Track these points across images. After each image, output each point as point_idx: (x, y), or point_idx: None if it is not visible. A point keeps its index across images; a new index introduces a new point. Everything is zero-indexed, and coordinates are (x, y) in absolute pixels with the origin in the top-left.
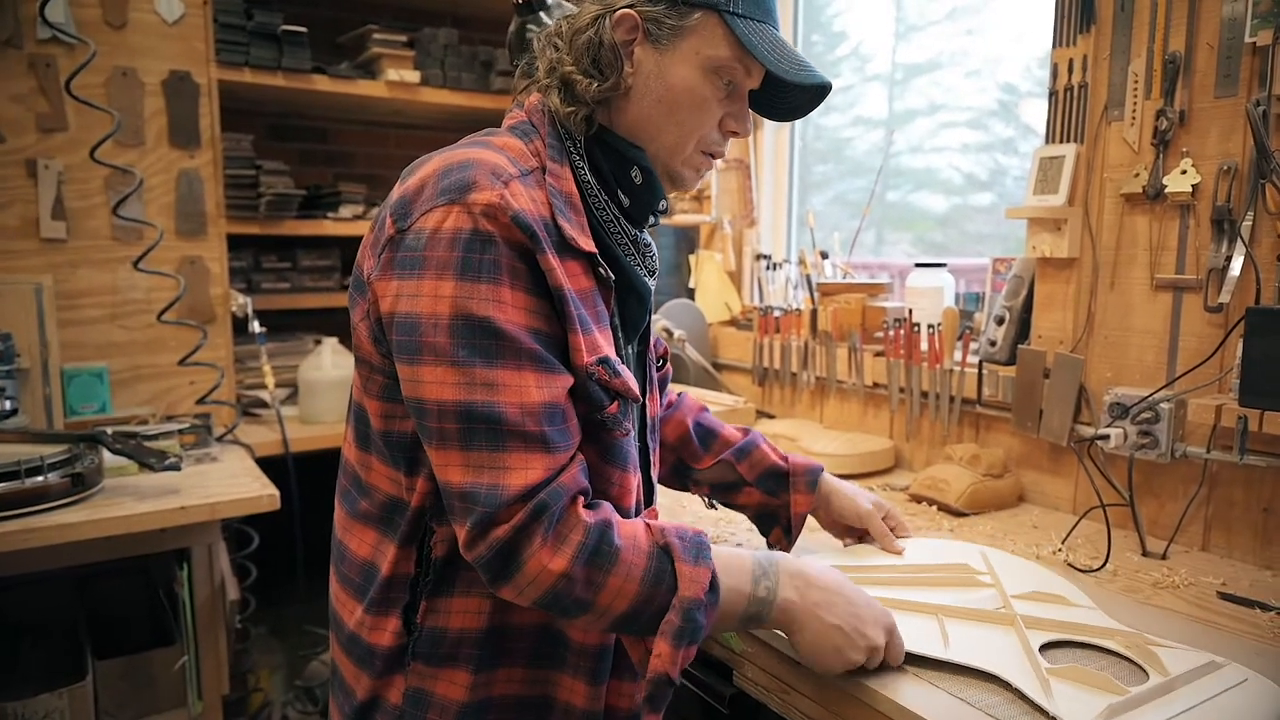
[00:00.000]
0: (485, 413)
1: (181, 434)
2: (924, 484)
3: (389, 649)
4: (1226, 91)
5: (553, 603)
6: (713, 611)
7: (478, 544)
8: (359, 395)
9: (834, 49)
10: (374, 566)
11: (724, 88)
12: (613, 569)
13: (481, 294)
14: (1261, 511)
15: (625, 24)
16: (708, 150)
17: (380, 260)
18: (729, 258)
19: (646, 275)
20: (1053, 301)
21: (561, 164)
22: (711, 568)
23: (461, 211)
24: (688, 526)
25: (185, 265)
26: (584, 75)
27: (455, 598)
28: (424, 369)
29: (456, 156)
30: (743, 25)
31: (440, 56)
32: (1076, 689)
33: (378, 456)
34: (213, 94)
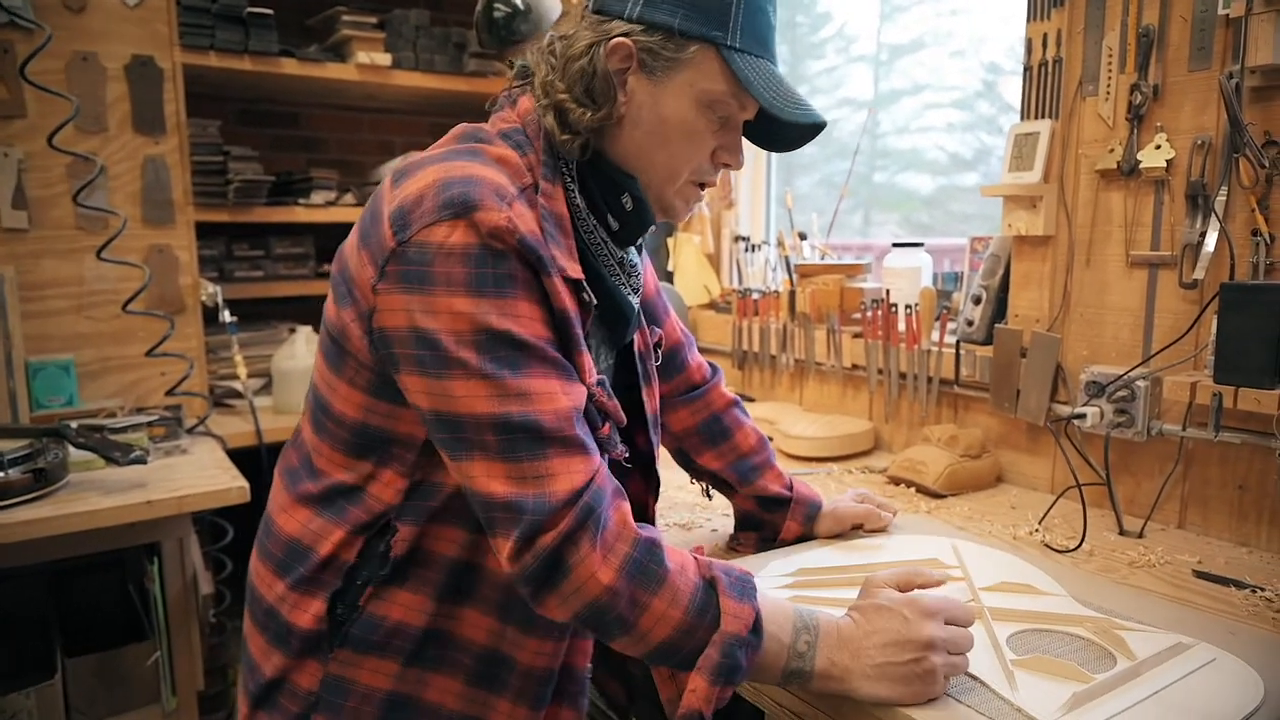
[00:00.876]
0: (522, 422)
1: (150, 426)
2: (902, 466)
3: (307, 631)
4: (1200, 65)
5: (595, 617)
6: (754, 655)
7: (523, 554)
8: (327, 382)
9: (818, 30)
10: (303, 545)
11: (717, 120)
12: (659, 591)
13: (497, 308)
14: (1237, 489)
15: (619, 53)
16: (699, 181)
17: (384, 271)
18: (707, 240)
19: (630, 293)
20: (1029, 280)
21: (554, 183)
22: (757, 608)
23: (468, 227)
24: (735, 566)
25: (153, 254)
26: (577, 104)
27: (404, 590)
28: (453, 383)
29: (456, 170)
30: (740, 60)
31: (412, 38)
32: (1041, 679)
33: (332, 443)
34: (177, 78)
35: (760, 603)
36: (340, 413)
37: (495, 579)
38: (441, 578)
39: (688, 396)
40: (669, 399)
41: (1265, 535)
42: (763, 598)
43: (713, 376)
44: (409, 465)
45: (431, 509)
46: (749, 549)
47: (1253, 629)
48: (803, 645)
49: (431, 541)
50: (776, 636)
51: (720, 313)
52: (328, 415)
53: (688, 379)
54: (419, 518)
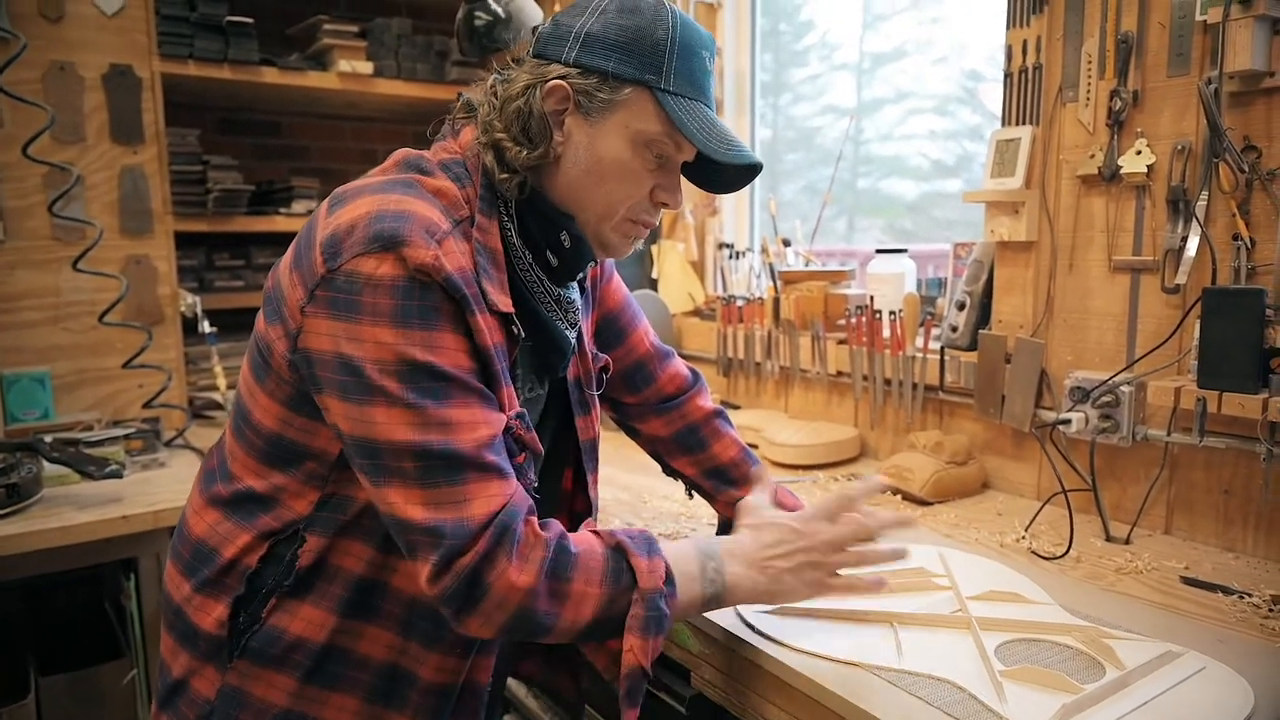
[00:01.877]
0: (441, 450)
1: (128, 439)
2: (888, 473)
3: (211, 635)
4: (1179, 70)
5: (521, 622)
6: (673, 601)
7: (443, 577)
8: (249, 390)
9: (801, 38)
10: (208, 547)
11: (654, 160)
12: (573, 575)
13: (421, 340)
14: (1222, 493)
15: (556, 95)
16: (636, 219)
17: (313, 295)
18: (691, 247)
19: (567, 329)
20: (1012, 285)
21: (490, 218)
22: (665, 559)
23: (396, 260)
24: (633, 528)
25: (130, 265)
26: (514, 143)
27: (305, 604)
28: (374, 410)
29: (390, 204)
30: (674, 103)
31: (394, 47)
32: (1030, 690)
33: (247, 449)
34: (156, 88)
35: (666, 554)
36: (258, 421)
37: (400, 596)
38: (346, 593)
39: (661, 407)
40: (640, 408)
41: (1251, 540)
42: (665, 546)
43: (692, 386)
44: (321, 479)
45: (341, 522)
46: None
47: (1241, 636)
48: (711, 572)
49: (339, 556)
50: (688, 573)
51: (705, 320)
52: (246, 422)
53: (659, 390)
54: (328, 530)
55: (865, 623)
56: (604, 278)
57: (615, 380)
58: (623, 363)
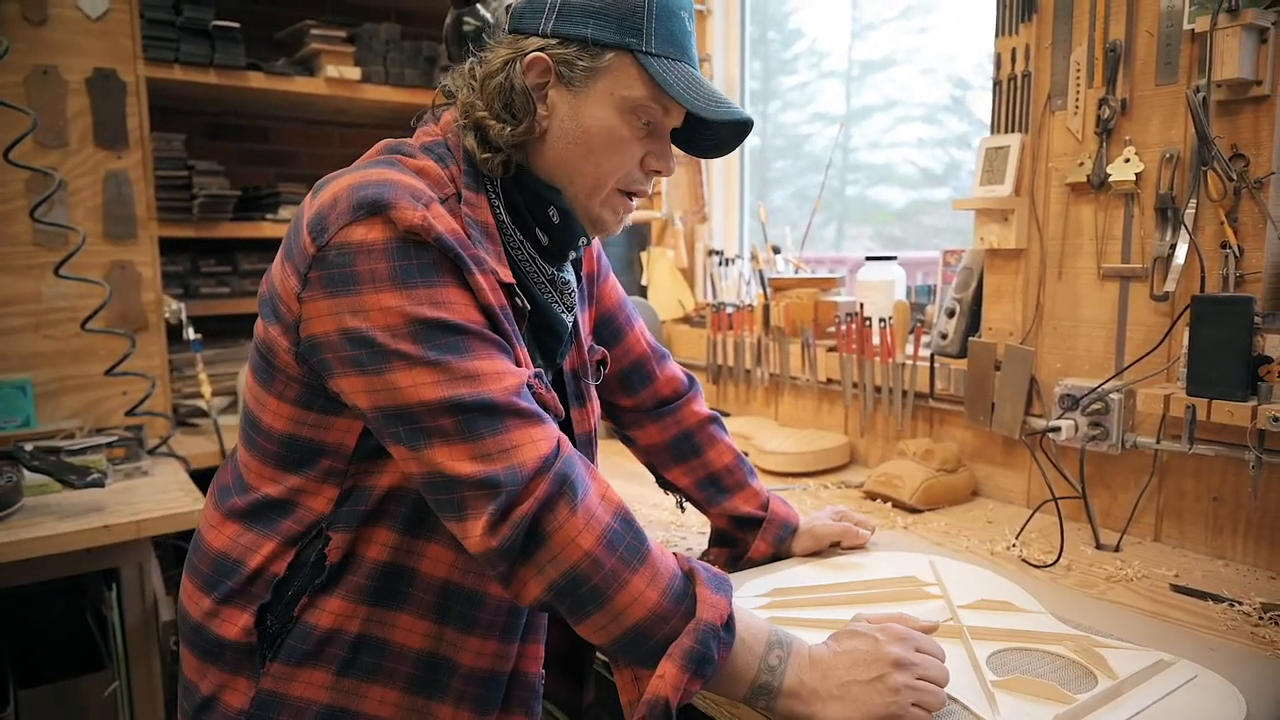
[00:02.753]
0: (475, 401)
1: (110, 448)
2: (878, 481)
3: (238, 644)
4: (1167, 79)
5: (571, 587)
6: (726, 650)
7: (500, 527)
8: (256, 398)
9: (790, 46)
10: (231, 560)
11: (643, 127)
12: (640, 568)
13: (427, 298)
14: (1211, 501)
15: (537, 67)
16: (628, 190)
17: (306, 279)
18: (681, 254)
19: (564, 311)
20: (1002, 293)
21: (478, 194)
22: (732, 604)
23: (385, 223)
24: (713, 566)
25: (115, 270)
26: (496, 120)
27: (334, 597)
28: (395, 375)
29: (371, 175)
30: (657, 64)
31: (382, 52)
32: (1022, 700)
33: (261, 458)
34: (140, 92)
35: (736, 607)
36: (269, 427)
37: (431, 581)
38: (369, 581)
39: (656, 412)
40: (636, 414)
41: (1241, 548)
42: (739, 607)
43: (688, 390)
44: (339, 474)
45: (363, 513)
46: (719, 564)
47: (1232, 644)
48: (774, 659)
49: (362, 545)
50: (749, 644)
51: (694, 327)
52: (257, 431)
53: (655, 393)
54: (351, 524)
55: None
56: (600, 276)
57: (612, 382)
58: (620, 363)
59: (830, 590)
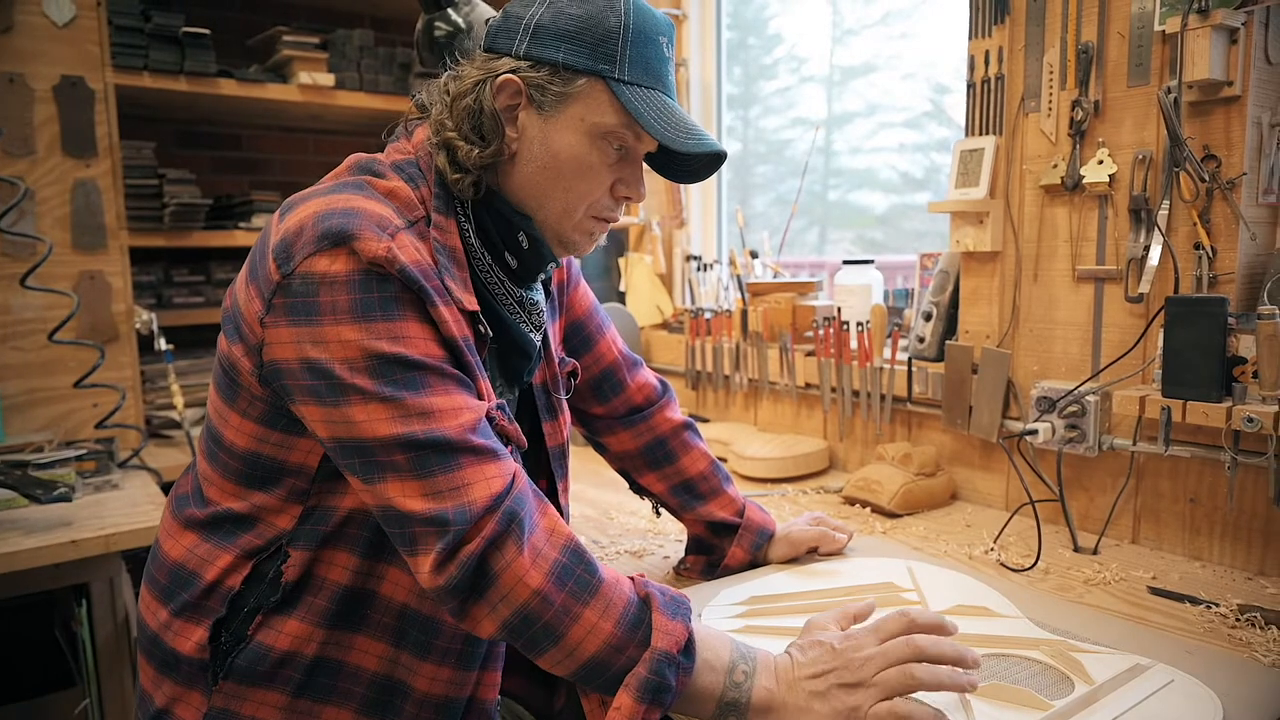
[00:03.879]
0: (428, 439)
1: (79, 461)
2: (857, 486)
3: (192, 659)
4: (1139, 80)
5: (523, 625)
6: (685, 677)
7: (448, 566)
8: (219, 413)
9: (770, 51)
10: (187, 570)
11: (614, 153)
12: (591, 601)
13: (386, 332)
14: (1188, 502)
15: (508, 90)
16: (599, 215)
17: (270, 304)
18: (659, 260)
19: (532, 331)
20: (978, 296)
21: (448, 217)
22: (690, 628)
23: (348, 255)
24: (671, 589)
25: (84, 281)
26: (465, 141)
27: (291, 619)
28: (351, 409)
29: (338, 202)
30: (629, 92)
31: (356, 58)
32: (998, 708)
33: (223, 473)
34: (109, 100)
35: (696, 629)
36: (231, 443)
37: (390, 604)
38: (331, 605)
39: (629, 419)
40: (608, 421)
41: (1217, 549)
42: (701, 626)
43: (661, 397)
44: (302, 494)
45: (324, 534)
46: (695, 572)
47: (1209, 647)
48: (740, 675)
49: (323, 567)
50: (711, 664)
51: (673, 333)
52: (219, 445)
53: (627, 400)
54: (311, 542)
55: None
56: (570, 283)
57: (584, 390)
58: (591, 371)
59: (807, 598)
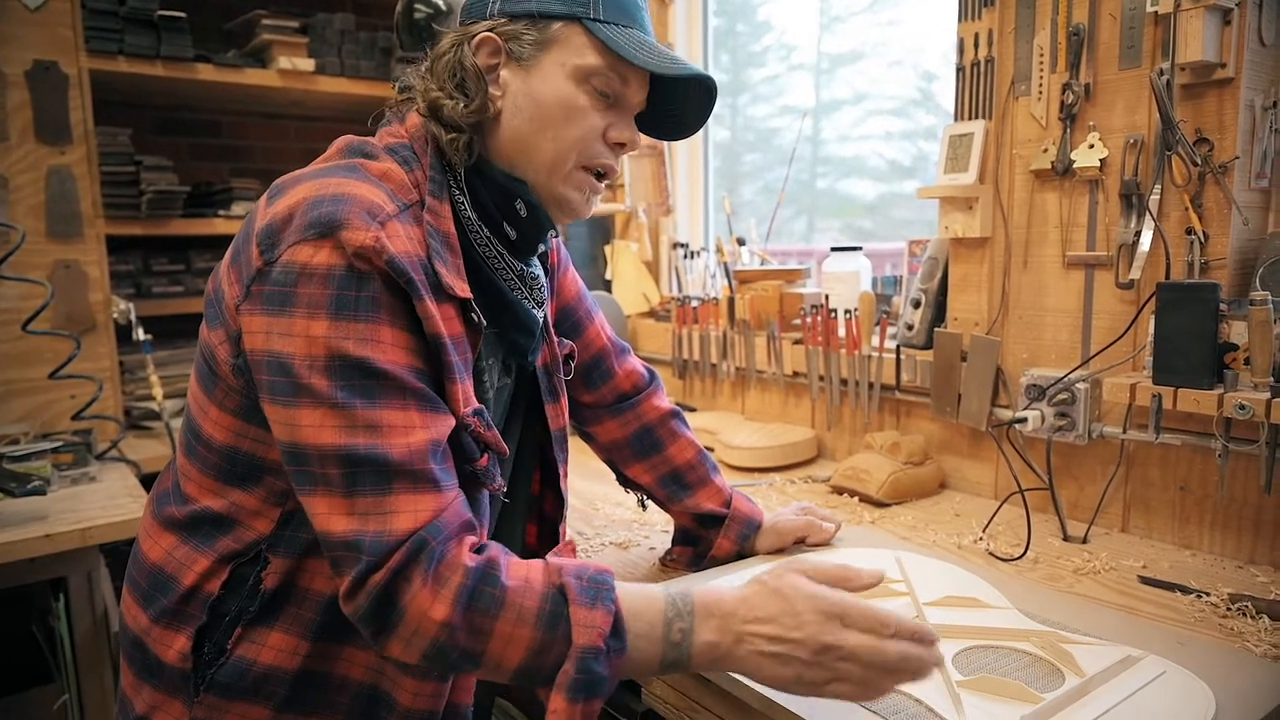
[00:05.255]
0: (369, 455)
1: (56, 453)
2: (845, 475)
3: (174, 668)
4: (1130, 63)
5: (439, 657)
6: (618, 660)
7: (356, 594)
8: (199, 404)
9: (759, 39)
10: (166, 574)
11: (600, 98)
12: (499, 613)
13: (357, 333)
14: (1178, 490)
15: (486, 47)
16: (591, 165)
17: (248, 291)
18: (645, 247)
19: (535, 307)
20: (967, 283)
21: (441, 200)
22: (613, 611)
23: (333, 248)
24: (590, 564)
25: (59, 270)
26: (450, 98)
27: (275, 631)
28: (301, 412)
29: (330, 187)
30: (607, 30)
31: (336, 43)
32: (988, 701)
33: (201, 468)
34: (84, 85)
35: (622, 599)
36: (209, 436)
37: None
38: (317, 616)
39: (616, 407)
40: (595, 409)
41: (1208, 538)
42: (627, 592)
43: (648, 385)
44: (281, 494)
45: (306, 541)
46: (682, 564)
47: (1201, 637)
48: (676, 634)
49: (306, 578)
50: (645, 634)
51: (660, 321)
52: (197, 439)
53: (616, 388)
54: (293, 550)
55: None
56: (560, 267)
57: (573, 377)
58: (580, 357)
59: None
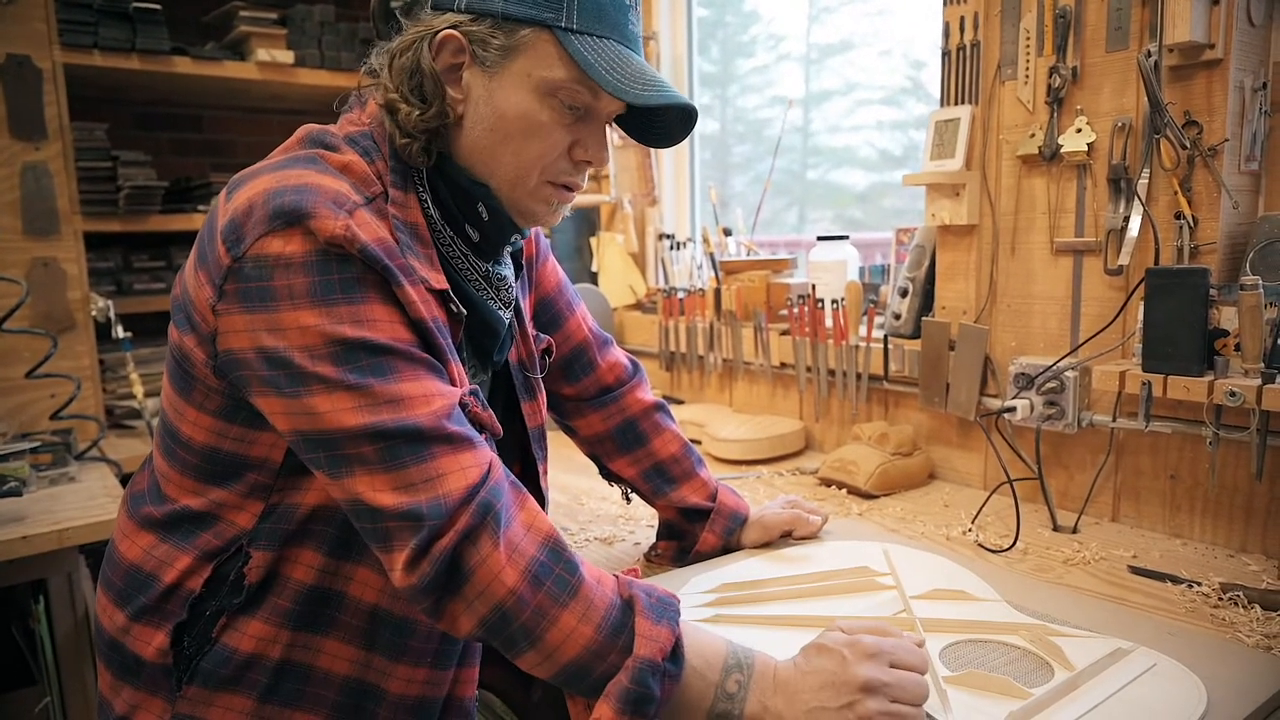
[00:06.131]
0: (399, 428)
1: (34, 453)
2: (833, 467)
3: (154, 664)
4: (1118, 45)
5: (499, 624)
6: (671, 685)
7: (420, 563)
8: (174, 407)
9: (748, 28)
10: (144, 572)
11: (568, 112)
12: (570, 603)
13: (350, 316)
14: (1169, 478)
15: (449, 47)
16: (556, 181)
17: (222, 291)
18: (631, 238)
19: (501, 308)
20: (955, 270)
21: (405, 192)
22: (677, 633)
23: (304, 235)
24: (658, 587)
25: (36, 268)
26: (405, 103)
27: (255, 619)
28: (314, 400)
29: (290, 179)
30: (578, 42)
31: (316, 35)
32: (976, 697)
33: (181, 470)
34: (58, 79)
35: (686, 632)
36: (189, 438)
37: (359, 606)
38: (295, 605)
39: (598, 400)
40: (578, 403)
41: (1198, 526)
42: (693, 628)
43: (631, 377)
44: (263, 489)
45: (287, 532)
46: (667, 558)
47: (1192, 628)
48: (732, 685)
49: (287, 566)
50: (701, 672)
51: (646, 313)
52: (176, 441)
53: (598, 380)
54: (274, 542)
55: (805, 628)
56: (539, 258)
57: (553, 370)
58: (561, 350)
59: (779, 584)
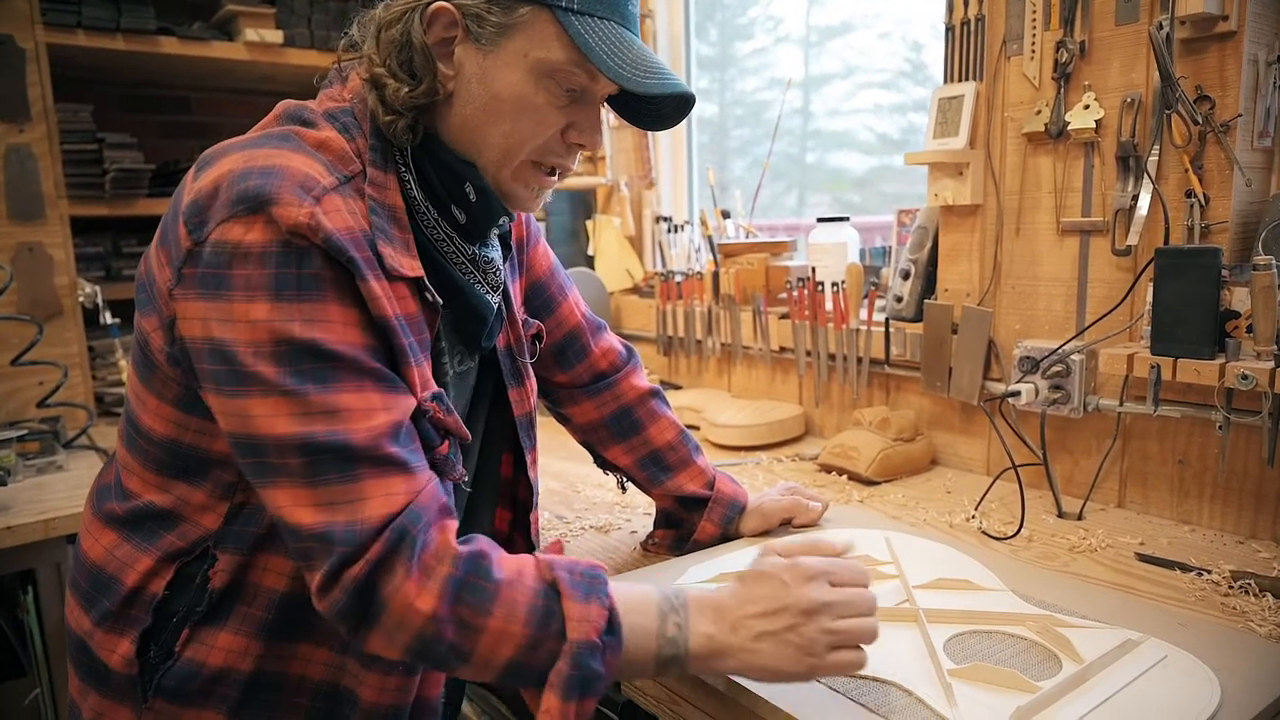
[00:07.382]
0: (329, 442)
1: (21, 442)
2: (833, 453)
3: (120, 673)
4: (1128, 18)
5: (426, 650)
6: (614, 655)
7: (331, 589)
8: (137, 394)
9: (746, 10)
10: (107, 574)
11: (564, 94)
12: (491, 609)
13: (302, 314)
14: (1176, 464)
15: (441, 20)
16: (544, 163)
17: (180, 275)
18: (628, 222)
19: (488, 292)
20: (958, 252)
21: (386, 172)
22: (608, 605)
23: (266, 224)
24: (581, 560)
25: (22, 253)
26: (393, 78)
27: (224, 632)
28: (250, 402)
29: (259, 159)
30: (578, 23)
31: (305, 14)
32: (981, 690)
33: (143, 461)
34: (41, 60)
35: (615, 594)
36: (149, 428)
37: None
38: (268, 615)
39: (593, 387)
40: (571, 390)
41: (1207, 512)
42: (618, 589)
43: (626, 363)
44: (228, 487)
45: (255, 536)
46: (664, 547)
47: (1203, 617)
48: (671, 629)
49: (256, 574)
50: (641, 627)
51: (644, 297)
52: (137, 431)
53: (592, 367)
54: (242, 546)
55: None
56: (530, 241)
57: (546, 356)
58: (553, 336)
59: None
